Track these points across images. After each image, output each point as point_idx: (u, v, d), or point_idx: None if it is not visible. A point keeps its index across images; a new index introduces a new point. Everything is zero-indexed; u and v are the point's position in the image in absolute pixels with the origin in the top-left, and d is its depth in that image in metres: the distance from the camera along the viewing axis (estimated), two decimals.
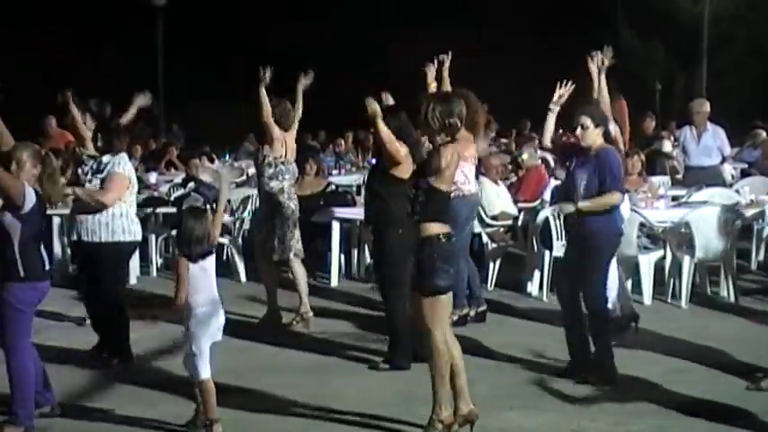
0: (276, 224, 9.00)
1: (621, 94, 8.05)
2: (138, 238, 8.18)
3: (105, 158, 8.01)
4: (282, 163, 9.03)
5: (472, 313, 9.08)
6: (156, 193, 12.66)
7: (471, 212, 9.25)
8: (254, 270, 10.08)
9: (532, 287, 10.33)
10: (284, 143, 9.06)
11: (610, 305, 7.72)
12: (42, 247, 6.35)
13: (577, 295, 7.28)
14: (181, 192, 12.44)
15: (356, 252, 11.58)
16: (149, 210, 11.84)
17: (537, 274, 10.26)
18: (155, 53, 27.23)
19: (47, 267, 6.37)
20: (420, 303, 5.97)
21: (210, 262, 6.17)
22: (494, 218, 11.06)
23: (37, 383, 6.39)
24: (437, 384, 5.96)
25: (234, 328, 8.95)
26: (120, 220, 7.94)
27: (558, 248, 9.67)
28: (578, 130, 7.22)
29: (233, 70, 32.88)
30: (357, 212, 11.24)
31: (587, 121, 7.19)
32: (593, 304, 7.25)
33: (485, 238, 10.95)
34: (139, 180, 15.03)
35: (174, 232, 12.27)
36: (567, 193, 7.38)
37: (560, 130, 8.29)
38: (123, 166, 7.99)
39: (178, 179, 13.66)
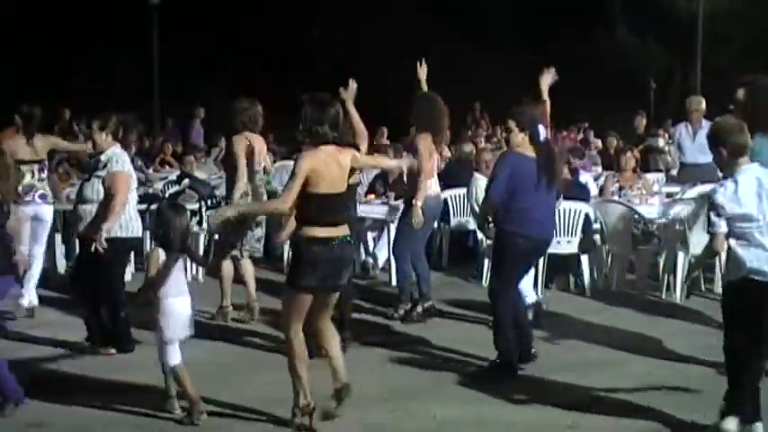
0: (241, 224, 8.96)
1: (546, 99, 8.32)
2: (137, 234, 8.19)
3: (104, 157, 8.01)
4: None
5: (419, 309, 9.20)
6: (150, 190, 12.65)
7: (432, 213, 9.35)
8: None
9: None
10: (250, 147, 9.05)
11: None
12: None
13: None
14: (176, 188, 12.43)
15: None
16: (143, 206, 11.81)
17: (531, 270, 10.24)
18: (150, 52, 27.23)
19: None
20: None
21: (183, 258, 6.45)
22: None
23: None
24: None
25: (227, 325, 9.04)
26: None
27: (554, 246, 9.66)
28: (505, 134, 7.61)
29: (229, 69, 32.96)
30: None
31: (512, 125, 7.41)
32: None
33: (479, 235, 10.94)
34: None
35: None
36: None
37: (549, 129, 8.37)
38: (122, 164, 8.00)
39: (173, 176, 13.66)
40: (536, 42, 32.95)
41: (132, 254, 9.65)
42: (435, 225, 10.36)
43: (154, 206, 12.04)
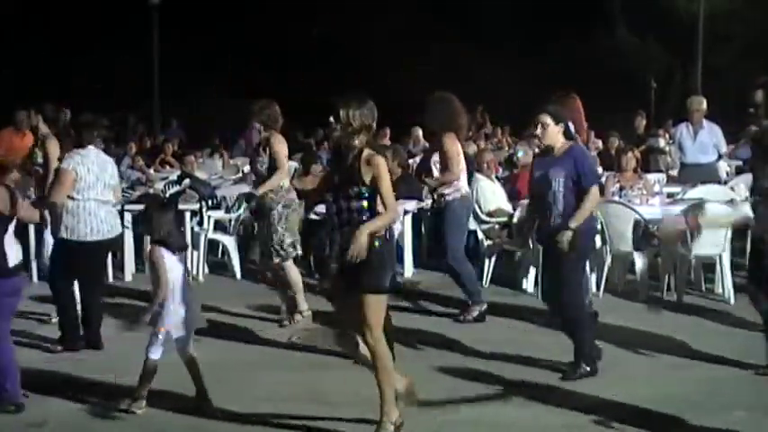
0: (278, 227, 8.93)
1: (575, 94, 8.08)
2: (87, 238, 7.92)
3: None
4: None
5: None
6: (151, 190, 12.64)
7: (468, 212, 9.37)
8: (251, 270, 10.05)
9: (528, 284, 10.33)
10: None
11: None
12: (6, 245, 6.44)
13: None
14: (176, 188, 12.39)
15: None
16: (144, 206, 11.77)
17: (532, 271, 10.26)
18: (150, 52, 27.27)
19: (10, 265, 6.46)
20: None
21: (184, 255, 6.61)
22: (489, 214, 11.05)
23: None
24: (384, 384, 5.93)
25: (228, 324, 9.03)
26: (65, 218, 7.86)
27: None
28: (538, 129, 7.26)
29: (229, 69, 32.98)
30: None
31: (547, 120, 7.23)
32: (568, 301, 7.27)
33: (480, 235, 10.95)
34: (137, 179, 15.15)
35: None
36: (541, 196, 7.38)
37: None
38: (69, 162, 7.91)
39: (173, 176, 13.64)
40: (536, 42, 32.98)
41: (133, 254, 9.64)
42: None
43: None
